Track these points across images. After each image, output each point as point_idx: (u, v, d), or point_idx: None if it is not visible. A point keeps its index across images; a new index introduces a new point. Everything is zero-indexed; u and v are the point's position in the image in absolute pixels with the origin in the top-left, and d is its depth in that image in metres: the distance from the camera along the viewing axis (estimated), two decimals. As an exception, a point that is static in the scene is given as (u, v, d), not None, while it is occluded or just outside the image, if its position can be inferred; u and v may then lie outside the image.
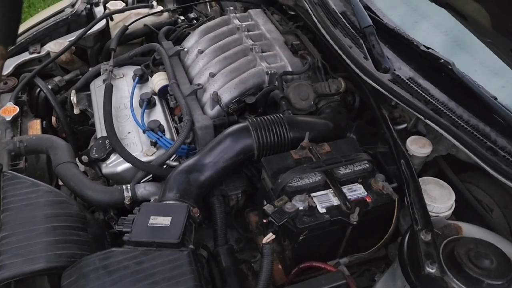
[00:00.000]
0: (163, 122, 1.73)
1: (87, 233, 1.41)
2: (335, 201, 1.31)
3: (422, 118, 1.40)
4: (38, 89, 2.05)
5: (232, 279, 1.37)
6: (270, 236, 1.26)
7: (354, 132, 1.65)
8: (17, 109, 1.84)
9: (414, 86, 1.48)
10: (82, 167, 1.76)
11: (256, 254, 1.64)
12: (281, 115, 1.59)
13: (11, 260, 1.26)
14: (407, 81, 1.51)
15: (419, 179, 1.33)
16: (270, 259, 1.26)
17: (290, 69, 1.85)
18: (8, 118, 1.78)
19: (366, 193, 1.34)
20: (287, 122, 1.55)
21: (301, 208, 1.26)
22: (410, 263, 1.11)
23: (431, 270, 1.07)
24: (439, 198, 1.30)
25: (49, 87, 2.07)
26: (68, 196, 1.48)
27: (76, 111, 1.96)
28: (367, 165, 1.41)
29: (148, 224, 1.26)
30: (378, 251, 1.39)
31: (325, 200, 1.31)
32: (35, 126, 1.88)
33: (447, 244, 1.12)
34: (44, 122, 1.96)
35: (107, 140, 1.64)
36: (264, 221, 1.29)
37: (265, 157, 1.47)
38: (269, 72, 1.79)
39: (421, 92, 1.45)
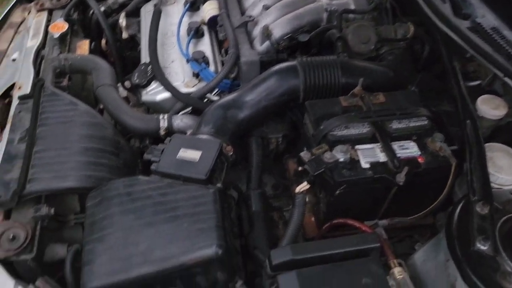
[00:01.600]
0: (209, 54, 1.63)
1: (118, 158, 1.38)
2: (382, 157, 1.17)
3: (501, 75, 1.20)
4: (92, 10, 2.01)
5: (260, 225, 1.30)
6: (304, 186, 1.16)
7: (417, 85, 1.46)
8: (66, 26, 1.80)
9: (497, 38, 1.26)
10: (124, 93, 1.72)
11: (291, 203, 1.56)
12: (335, 57, 1.43)
13: (42, 175, 1.26)
14: (489, 31, 1.29)
15: (485, 144, 1.15)
16: (301, 209, 1.17)
17: (352, 7, 1.65)
18: (56, 35, 1.75)
19: (419, 153, 1.18)
20: (340, 65, 1.40)
21: (341, 159, 1.14)
22: (459, 236, 0.97)
23: (482, 247, 0.93)
24: (506, 169, 1.12)
25: (102, 8, 2.01)
26: (104, 120, 1.45)
27: (124, 35, 1.90)
28: (426, 122, 1.24)
29: (177, 157, 1.20)
30: (424, 218, 1.26)
31: (370, 154, 1.17)
32: (83, 46, 1.85)
33: (506, 221, 0.97)
34: (93, 43, 1.92)
35: (149, 66, 1.58)
36: (300, 169, 1.18)
37: (310, 100, 1.33)
38: (329, 9, 1.60)
39: (504, 46, 1.24)
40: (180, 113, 1.54)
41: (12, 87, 1.61)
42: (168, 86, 1.50)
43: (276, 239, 1.36)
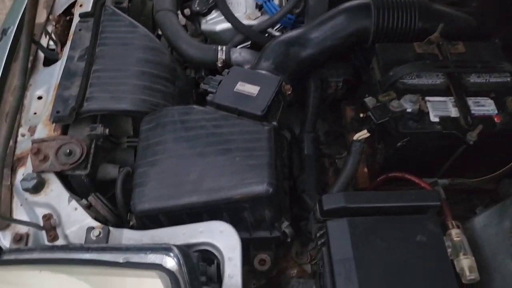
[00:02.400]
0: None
1: (174, 86, 1.36)
2: (454, 112, 1.08)
3: None
4: None
5: (310, 169, 1.27)
6: (363, 134, 1.10)
7: (501, 39, 1.31)
8: None
9: None
10: (183, 21, 1.67)
11: (343, 152, 1.50)
12: (414, -2, 1.30)
13: (99, 94, 1.26)
14: None
15: None
16: (357, 158, 1.12)
17: None
18: (119, -46, 1.69)
19: (496, 112, 1.08)
20: (418, 7, 1.27)
21: (409, 110, 1.05)
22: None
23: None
24: None
25: None
26: (163, 46, 1.42)
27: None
28: (508, 79, 1.12)
29: (234, 89, 1.16)
30: (487, 182, 1.17)
31: (441, 108, 1.08)
32: (144, -32, 1.79)
33: None
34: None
35: (211, -6, 1.51)
36: (361, 115, 1.12)
37: (381, 43, 1.23)
38: None
39: None
40: (239, 46, 1.48)
41: (73, 4, 1.59)
42: (229, 16, 1.43)
43: (325, 186, 1.33)
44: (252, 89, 1.15)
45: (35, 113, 1.36)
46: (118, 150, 1.33)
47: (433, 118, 1.07)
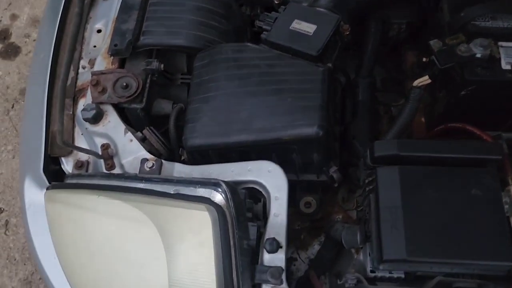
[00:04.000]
0: None
1: (228, 23, 1.33)
2: (529, 61, 0.98)
3: None
4: None
5: (364, 116, 1.23)
6: (424, 80, 1.04)
7: None
8: None
9: None
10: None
11: (399, 100, 1.44)
12: None
13: (155, 28, 1.26)
14: None
15: None
16: (415, 105, 1.06)
17: None
18: None
19: None
20: None
21: (478, 55, 0.97)
22: None
23: None
24: None
25: None
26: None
27: None
28: None
29: (290, 27, 1.12)
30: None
31: (515, 54, 0.99)
32: None
33: None
34: None
35: None
36: (424, 59, 1.05)
37: (452, -20, 1.12)
38: None
39: None
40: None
41: None
42: None
43: (378, 133, 1.29)
44: (308, 28, 1.10)
45: (94, 46, 1.39)
46: (172, 86, 1.35)
47: (505, 65, 0.98)
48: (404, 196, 0.86)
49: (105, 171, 1.15)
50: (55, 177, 1.19)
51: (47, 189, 1.14)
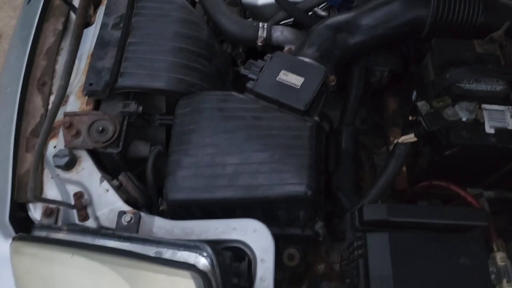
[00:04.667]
0: (323, -43, 1.41)
1: (211, 64, 1.29)
2: (511, 124, 1.00)
3: None
4: None
5: (347, 165, 1.22)
6: (410, 138, 1.04)
7: None
8: None
9: None
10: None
11: (379, 142, 1.44)
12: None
13: (134, 70, 1.21)
14: None
15: None
16: (400, 162, 1.07)
17: None
18: None
19: (559, 127, 1.00)
20: (483, 0, 1.16)
21: (464, 119, 0.98)
22: None
23: None
24: None
25: None
26: (201, 18, 1.34)
27: None
28: None
29: (277, 78, 1.10)
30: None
31: (498, 118, 1.01)
32: None
33: None
34: None
35: (255, -36, 1.40)
36: (410, 118, 1.05)
37: (438, 39, 1.14)
38: None
39: None
40: (281, 23, 1.40)
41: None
42: (273, -9, 1.33)
43: (360, 182, 1.29)
44: (295, 80, 1.09)
45: (66, 81, 1.32)
46: (150, 128, 1.30)
47: (489, 129, 1.00)
48: (394, 265, 0.86)
49: (77, 222, 1.09)
50: (21, 225, 1.12)
51: (13, 239, 1.06)
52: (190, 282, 0.85)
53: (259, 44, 1.34)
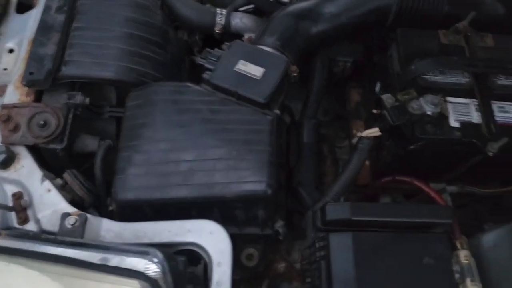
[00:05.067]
0: None
1: (165, 52, 1.21)
2: (476, 117, 0.98)
3: None
4: None
5: (309, 160, 1.17)
6: (374, 131, 1.00)
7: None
8: None
9: None
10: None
11: (341, 135, 1.40)
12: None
13: (80, 58, 1.11)
14: None
15: None
16: (363, 156, 1.02)
17: None
18: None
19: (522, 120, 0.98)
20: (449, -12, 1.13)
21: (429, 113, 0.95)
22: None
23: None
24: None
25: None
26: (154, 3, 1.24)
27: None
28: (539, 84, 1.02)
29: (235, 68, 1.02)
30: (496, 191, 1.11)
31: (463, 111, 0.98)
32: None
33: None
34: None
35: None
36: (375, 111, 1.01)
37: (403, 28, 1.10)
38: None
39: None
40: (241, 9, 1.32)
41: None
42: (232, -25, 1.25)
43: (322, 176, 1.25)
44: (255, 71, 1.02)
45: (5, 69, 1.20)
46: (99, 120, 1.20)
47: (453, 123, 0.97)
48: (357, 268, 0.82)
49: (16, 225, 0.99)
50: (-48, 230, 1.00)
51: None
52: (136, 293, 0.78)
53: (217, 31, 1.26)
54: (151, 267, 0.82)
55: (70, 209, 0.98)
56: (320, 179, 1.21)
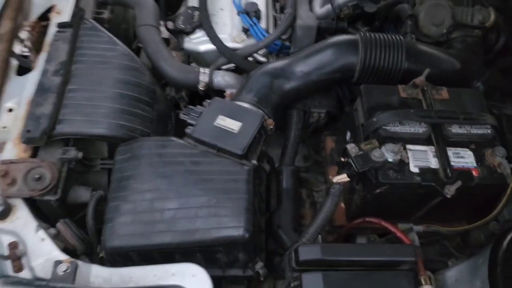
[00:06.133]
0: (262, 7, 1.49)
1: (152, 110, 1.31)
2: (434, 163, 1.08)
3: None
4: None
5: (288, 204, 1.26)
6: (343, 178, 1.09)
7: (483, 83, 1.32)
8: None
9: None
10: (166, 34, 1.62)
11: (320, 179, 1.50)
12: (401, 37, 1.28)
13: (73, 116, 1.21)
14: None
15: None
16: (335, 200, 1.11)
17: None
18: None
19: (475, 165, 1.08)
20: (406, 48, 1.26)
21: (390, 160, 1.05)
22: (505, 267, 0.90)
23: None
24: None
25: None
26: (142, 65, 1.36)
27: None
28: (489, 131, 1.13)
29: (214, 123, 1.13)
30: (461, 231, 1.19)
31: (421, 158, 1.08)
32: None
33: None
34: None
35: (197, 12, 1.46)
36: (342, 159, 1.10)
37: (366, 84, 1.22)
38: (404, -20, 1.43)
39: None
40: (223, 67, 1.45)
41: (49, 9, 1.52)
42: (214, 39, 1.39)
43: (301, 219, 1.32)
44: (233, 125, 1.12)
45: (4, 127, 1.30)
46: (91, 173, 1.29)
47: (413, 168, 1.06)
48: (328, 304, 0.88)
49: (11, 273, 1.05)
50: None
51: None
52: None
53: (201, 88, 1.38)
54: (137, 311, 0.89)
55: (63, 256, 1.05)
56: (299, 221, 1.29)
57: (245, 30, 1.43)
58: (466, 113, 1.14)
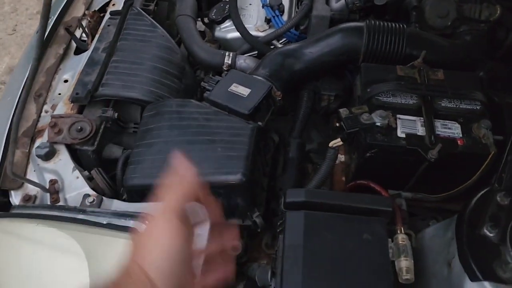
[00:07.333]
0: (286, 2, 1.67)
1: (181, 82, 1.51)
2: (420, 131, 1.17)
3: None
4: None
5: (292, 171, 1.38)
6: (337, 141, 1.21)
7: (485, 73, 1.40)
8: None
9: None
10: (202, 27, 1.85)
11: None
12: (404, 25, 1.40)
13: (113, 81, 1.43)
14: None
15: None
16: (330, 163, 1.23)
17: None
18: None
19: (460, 135, 1.16)
20: (407, 34, 1.38)
21: (378, 123, 1.16)
22: (469, 218, 0.98)
23: (488, 233, 0.93)
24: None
25: None
26: (176, 45, 1.58)
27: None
28: (478, 107, 1.21)
29: (228, 89, 1.30)
30: (452, 203, 1.25)
31: (409, 125, 1.18)
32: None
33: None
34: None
35: (228, 5, 1.66)
36: (337, 124, 1.23)
37: (366, 63, 1.34)
38: (415, -24, 1.56)
39: None
40: (246, 54, 1.63)
41: (108, 3, 1.80)
42: (239, 26, 1.58)
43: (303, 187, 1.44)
44: (243, 91, 1.29)
45: (59, 94, 1.55)
46: (125, 134, 1.49)
47: (400, 133, 1.16)
48: (306, 237, 0.99)
49: (49, 204, 1.25)
50: (2, 209, 1.28)
51: (-12, 217, 1.21)
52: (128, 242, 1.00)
53: (225, 69, 1.56)
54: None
55: (91, 192, 1.24)
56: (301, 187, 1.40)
57: (268, 21, 1.62)
58: (455, 89, 1.22)
